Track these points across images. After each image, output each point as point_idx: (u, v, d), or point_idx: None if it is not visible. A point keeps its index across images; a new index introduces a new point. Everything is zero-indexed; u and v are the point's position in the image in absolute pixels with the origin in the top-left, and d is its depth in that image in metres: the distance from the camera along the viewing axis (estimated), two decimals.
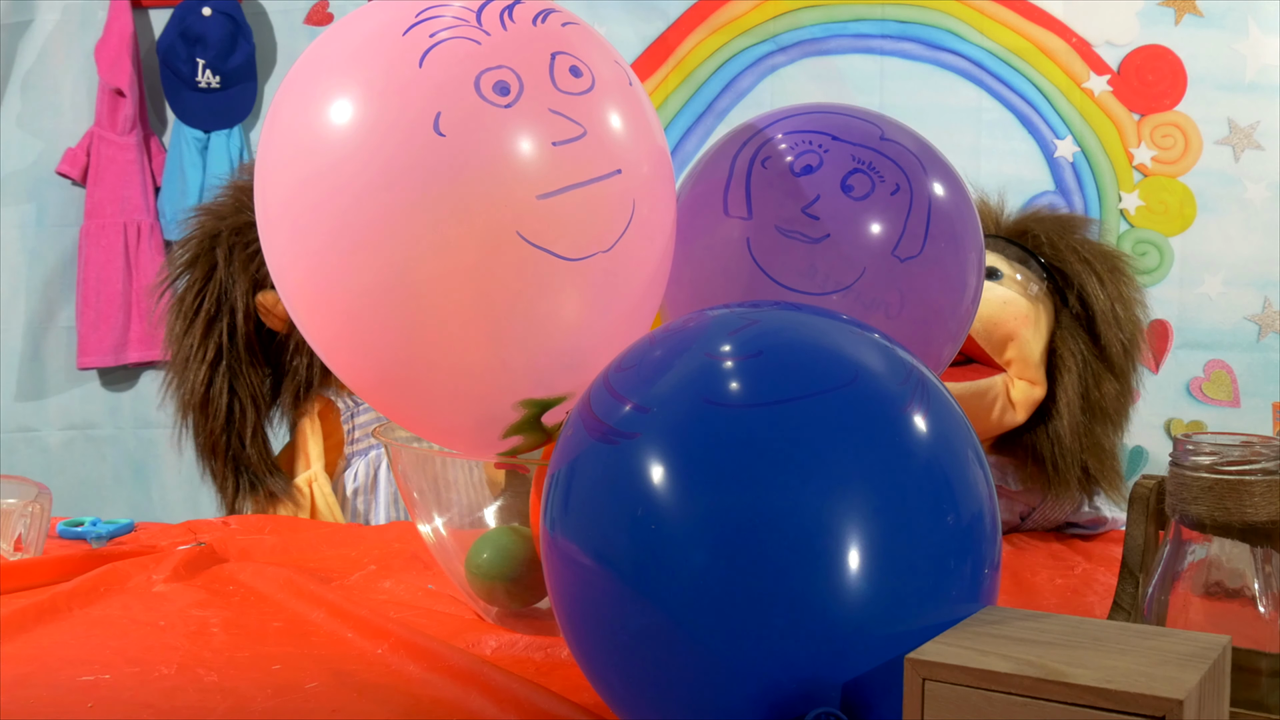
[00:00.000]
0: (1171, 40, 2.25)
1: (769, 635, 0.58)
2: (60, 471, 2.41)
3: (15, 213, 2.45)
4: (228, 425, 1.55)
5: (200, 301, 1.54)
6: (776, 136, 0.99)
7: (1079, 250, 1.41)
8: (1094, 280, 1.39)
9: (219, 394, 1.54)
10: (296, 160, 0.82)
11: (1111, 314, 1.39)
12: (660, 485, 0.60)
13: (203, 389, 1.54)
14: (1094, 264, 1.40)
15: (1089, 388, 1.39)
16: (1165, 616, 0.66)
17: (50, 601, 1.00)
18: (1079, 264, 1.40)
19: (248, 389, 1.55)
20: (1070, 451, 1.37)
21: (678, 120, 2.34)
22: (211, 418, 1.54)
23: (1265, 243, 2.23)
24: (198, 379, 1.53)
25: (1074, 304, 1.39)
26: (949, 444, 0.64)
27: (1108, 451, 1.40)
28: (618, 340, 0.78)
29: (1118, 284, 1.41)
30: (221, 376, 1.54)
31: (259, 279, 1.54)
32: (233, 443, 1.55)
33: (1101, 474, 1.38)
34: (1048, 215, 1.48)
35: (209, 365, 1.53)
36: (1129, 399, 1.43)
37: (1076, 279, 1.39)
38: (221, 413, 1.54)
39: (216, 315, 1.54)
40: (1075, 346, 1.39)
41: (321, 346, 0.89)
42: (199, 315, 1.54)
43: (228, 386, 1.54)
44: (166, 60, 2.43)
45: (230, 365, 1.54)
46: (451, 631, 0.94)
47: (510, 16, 0.83)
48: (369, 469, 1.63)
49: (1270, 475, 0.63)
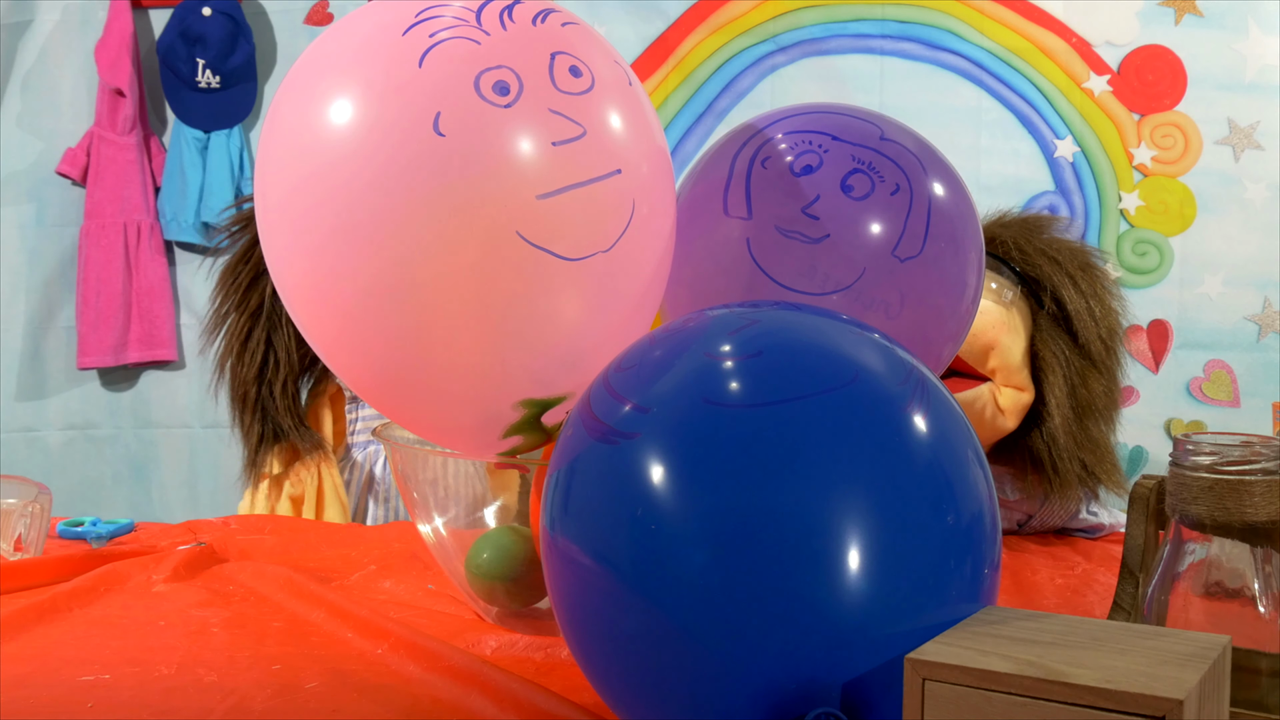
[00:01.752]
0: (1171, 40, 2.25)
1: (769, 635, 0.58)
2: (60, 471, 2.41)
3: (15, 213, 2.45)
4: (260, 375, 1.56)
5: (248, 259, 1.56)
6: (776, 136, 0.99)
7: (1047, 251, 1.42)
8: (1066, 280, 1.40)
9: (256, 345, 1.56)
10: (296, 160, 0.82)
11: (1087, 312, 1.40)
12: (660, 485, 0.60)
13: (241, 338, 1.56)
14: (1064, 264, 1.41)
15: (1075, 386, 1.39)
16: (1165, 616, 0.66)
17: (50, 601, 1.00)
18: (1049, 265, 1.41)
19: (284, 344, 1.56)
20: (1067, 450, 1.37)
21: (678, 120, 2.33)
22: (246, 365, 1.56)
23: (1265, 243, 2.22)
24: (237, 328, 1.56)
25: (1050, 305, 1.40)
26: (949, 444, 0.64)
27: (1102, 446, 1.40)
28: (618, 340, 0.78)
29: (1090, 281, 1.42)
30: (261, 329, 1.56)
31: None
32: (263, 392, 1.57)
33: (1100, 469, 1.39)
34: (1014, 219, 1.48)
35: (250, 315, 1.56)
36: (1117, 392, 1.44)
37: (1048, 281, 1.40)
38: (256, 362, 1.56)
39: (261, 273, 1.55)
40: (1056, 347, 1.39)
41: (321, 346, 0.89)
42: (245, 269, 1.56)
43: (265, 339, 1.56)
44: (166, 60, 2.43)
45: (270, 318, 1.56)
46: (451, 631, 0.94)
47: (510, 16, 0.83)
48: (366, 463, 1.64)
49: (1270, 475, 0.63)
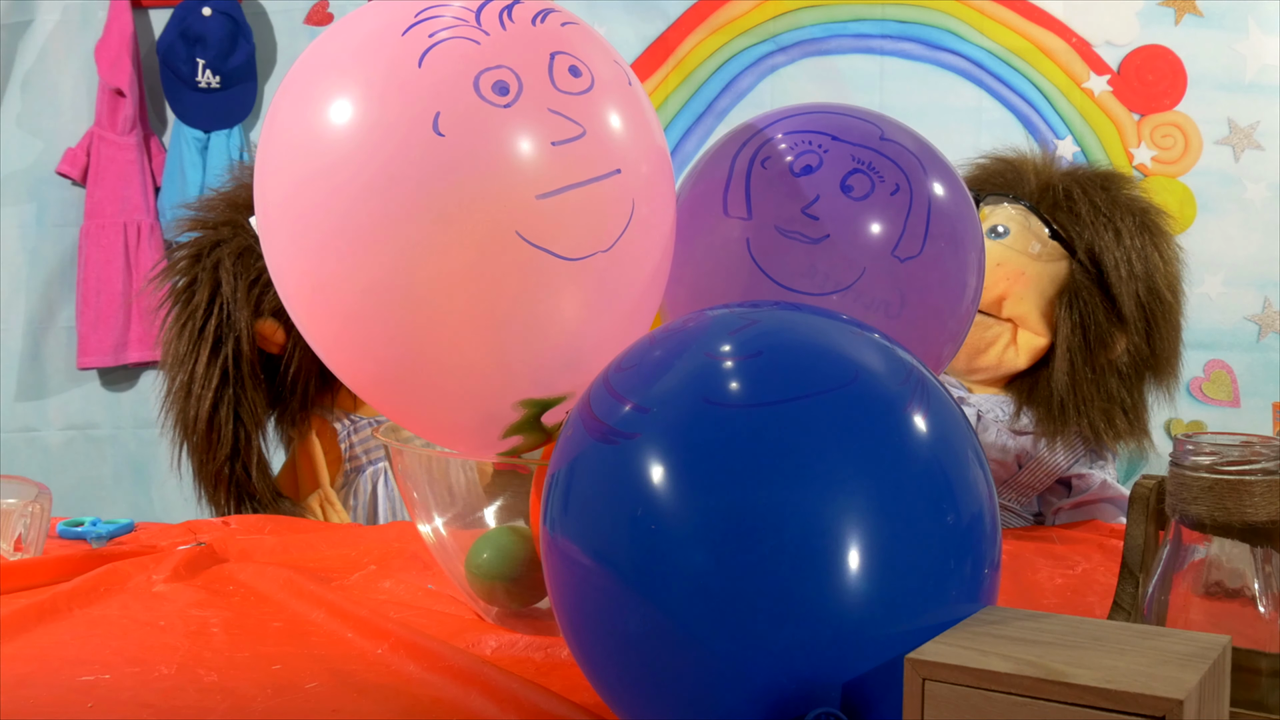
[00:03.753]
0: (1171, 40, 2.25)
1: (769, 635, 0.58)
2: (60, 471, 2.41)
3: (15, 213, 2.45)
4: (233, 455, 1.52)
5: (204, 324, 1.51)
6: (776, 136, 0.99)
7: (1101, 208, 1.46)
8: (1109, 234, 1.44)
9: (224, 421, 1.51)
10: (296, 160, 0.82)
11: (1126, 265, 1.43)
12: (660, 485, 0.60)
13: (208, 415, 1.51)
14: (1113, 218, 1.45)
15: (1092, 338, 1.44)
16: (1165, 616, 0.66)
17: (50, 601, 0.99)
18: (1093, 218, 1.45)
19: (251, 414, 1.53)
20: (1066, 396, 1.43)
21: (678, 120, 2.33)
22: (216, 445, 1.51)
23: (1265, 243, 2.23)
24: (203, 406, 1.51)
25: (1085, 259, 1.45)
26: (949, 444, 0.64)
27: (1116, 401, 1.45)
28: (618, 340, 0.78)
29: (1140, 237, 1.45)
30: (226, 404, 1.51)
31: (260, 308, 1.53)
32: (238, 471, 1.53)
33: (1103, 421, 1.43)
34: (1085, 173, 1.53)
35: (214, 390, 1.50)
36: (1159, 351, 1.47)
37: (1086, 235, 1.44)
38: (227, 442, 1.51)
39: (221, 339, 1.51)
40: (1080, 299, 1.44)
41: (322, 346, 0.89)
42: (203, 338, 1.51)
43: (233, 414, 1.51)
44: (166, 60, 2.43)
45: (235, 391, 1.51)
46: (451, 631, 0.94)
47: (509, 16, 0.83)
48: (368, 485, 1.64)
49: (1270, 475, 0.63)
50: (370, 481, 1.63)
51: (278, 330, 1.54)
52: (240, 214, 1.52)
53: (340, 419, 1.66)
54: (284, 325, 1.54)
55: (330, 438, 1.66)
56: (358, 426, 1.65)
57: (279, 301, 1.54)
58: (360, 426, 1.66)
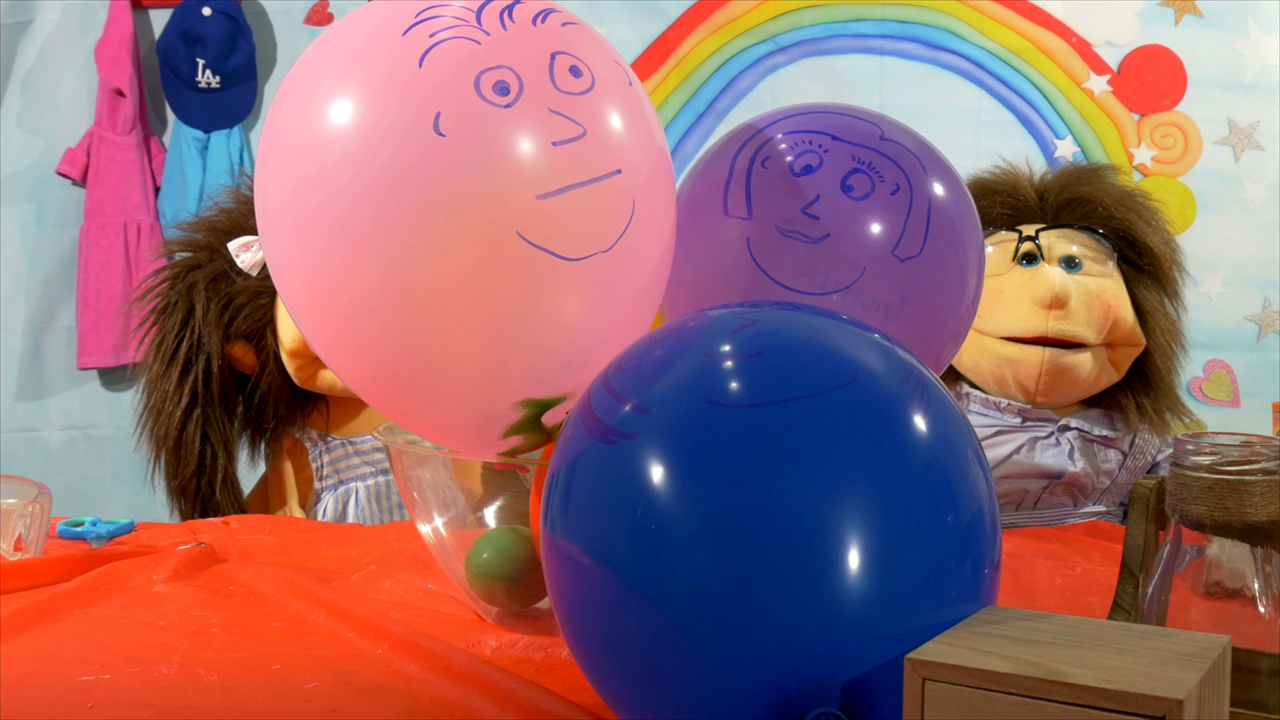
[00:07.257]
0: (1171, 40, 2.25)
1: (769, 635, 0.58)
2: (60, 471, 2.41)
3: (15, 213, 2.45)
4: (199, 470, 1.59)
5: (177, 346, 1.59)
6: (776, 136, 0.99)
7: (1125, 204, 1.50)
8: (1141, 226, 1.49)
9: (192, 439, 1.58)
10: (296, 160, 0.82)
11: (1165, 245, 1.50)
12: (660, 485, 0.60)
13: (176, 433, 1.58)
14: (1133, 207, 1.50)
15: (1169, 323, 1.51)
16: (1165, 616, 0.66)
17: (50, 601, 1.00)
18: (1131, 217, 1.49)
19: (219, 434, 1.60)
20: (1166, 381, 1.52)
21: (678, 120, 2.33)
22: (184, 462, 1.59)
23: (1265, 243, 2.23)
24: (172, 423, 1.58)
25: (1131, 255, 1.49)
26: (949, 444, 0.64)
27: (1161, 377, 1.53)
28: (618, 340, 0.78)
29: (1155, 217, 1.52)
30: (195, 423, 1.58)
31: (231, 331, 1.60)
32: (203, 487, 1.60)
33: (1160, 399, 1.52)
34: (1086, 171, 1.56)
35: (184, 409, 1.58)
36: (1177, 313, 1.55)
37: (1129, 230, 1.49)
38: (194, 459, 1.58)
39: (191, 361, 1.58)
40: (1150, 293, 1.50)
41: (322, 347, 0.89)
42: (175, 359, 1.58)
43: (200, 433, 1.58)
44: (166, 60, 2.43)
45: (204, 411, 1.59)
46: (451, 631, 0.94)
47: (510, 16, 0.83)
48: (338, 503, 1.65)
49: (1270, 475, 0.63)
50: (340, 501, 1.64)
51: (249, 352, 1.62)
52: (221, 239, 1.59)
53: (312, 439, 1.68)
54: (255, 348, 1.61)
55: (302, 457, 1.68)
56: (330, 446, 1.67)
57: (251, 325, 1.62)
58: (333, 447, 1.67)
